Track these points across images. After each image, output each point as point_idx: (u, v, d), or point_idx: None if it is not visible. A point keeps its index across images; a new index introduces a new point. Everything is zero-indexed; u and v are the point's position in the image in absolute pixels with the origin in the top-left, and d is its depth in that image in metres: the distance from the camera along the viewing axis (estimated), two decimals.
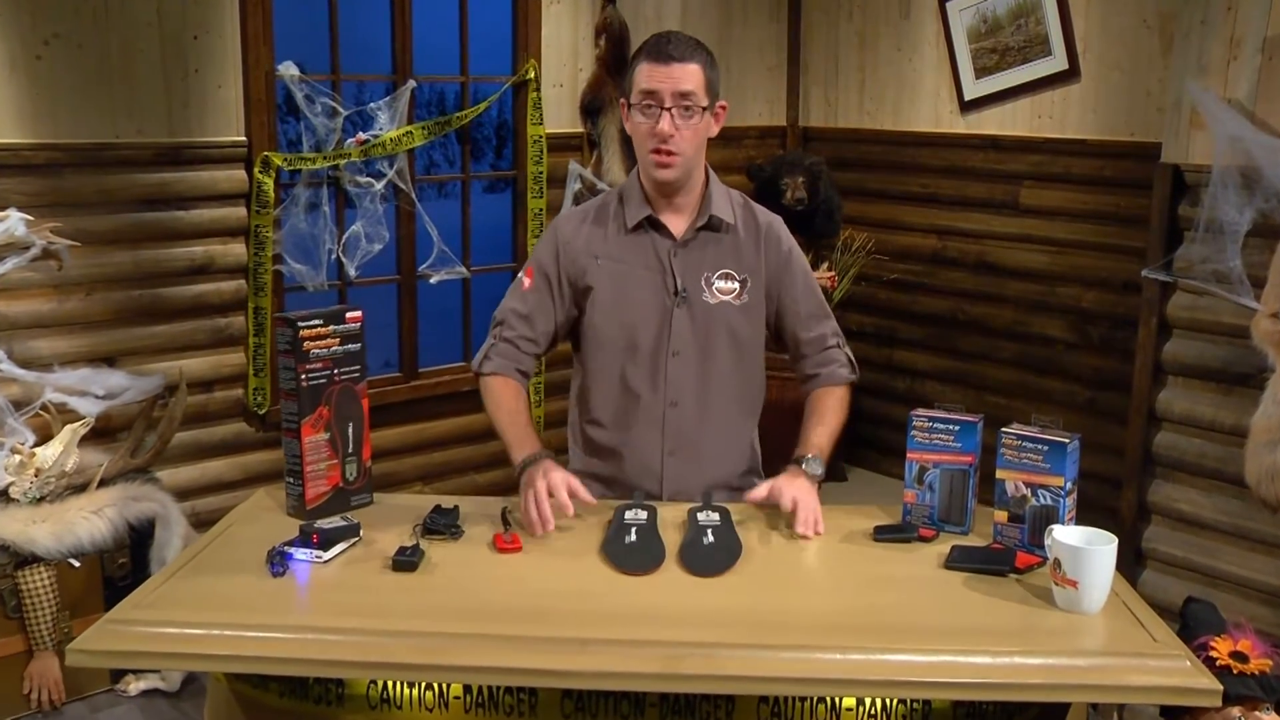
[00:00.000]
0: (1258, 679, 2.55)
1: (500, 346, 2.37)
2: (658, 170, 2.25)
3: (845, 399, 2.41)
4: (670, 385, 2.33)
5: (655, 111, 2.21)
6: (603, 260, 2.34)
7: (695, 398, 2.35)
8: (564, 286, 2.36)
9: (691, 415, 2.35)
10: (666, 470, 2.35)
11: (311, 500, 2.20)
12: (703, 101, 2.22)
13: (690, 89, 2.20)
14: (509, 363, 2.37)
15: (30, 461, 3.37)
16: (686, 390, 2.34)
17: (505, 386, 2.35)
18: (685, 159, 2.24)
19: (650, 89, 2.21)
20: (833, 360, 2.42)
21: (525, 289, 2.38)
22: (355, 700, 1.88)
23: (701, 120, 2.24)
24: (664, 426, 2.34)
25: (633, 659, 1.69)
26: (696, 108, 2.22)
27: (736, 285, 2.34)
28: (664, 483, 2.36)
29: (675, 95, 2.19)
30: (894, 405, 5.24)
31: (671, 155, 2.23)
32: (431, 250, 4.55)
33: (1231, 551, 3.66)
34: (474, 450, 4.77)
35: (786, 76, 5.53)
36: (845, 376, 2.43)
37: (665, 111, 2.20)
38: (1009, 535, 2.09)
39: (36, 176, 3.60)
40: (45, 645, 3.36)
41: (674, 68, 2.20)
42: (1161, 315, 3.79)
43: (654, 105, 2.21)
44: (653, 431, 2.34)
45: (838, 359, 2.43)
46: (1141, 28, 4.28)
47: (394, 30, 4.38)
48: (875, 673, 1.68)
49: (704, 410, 2.36)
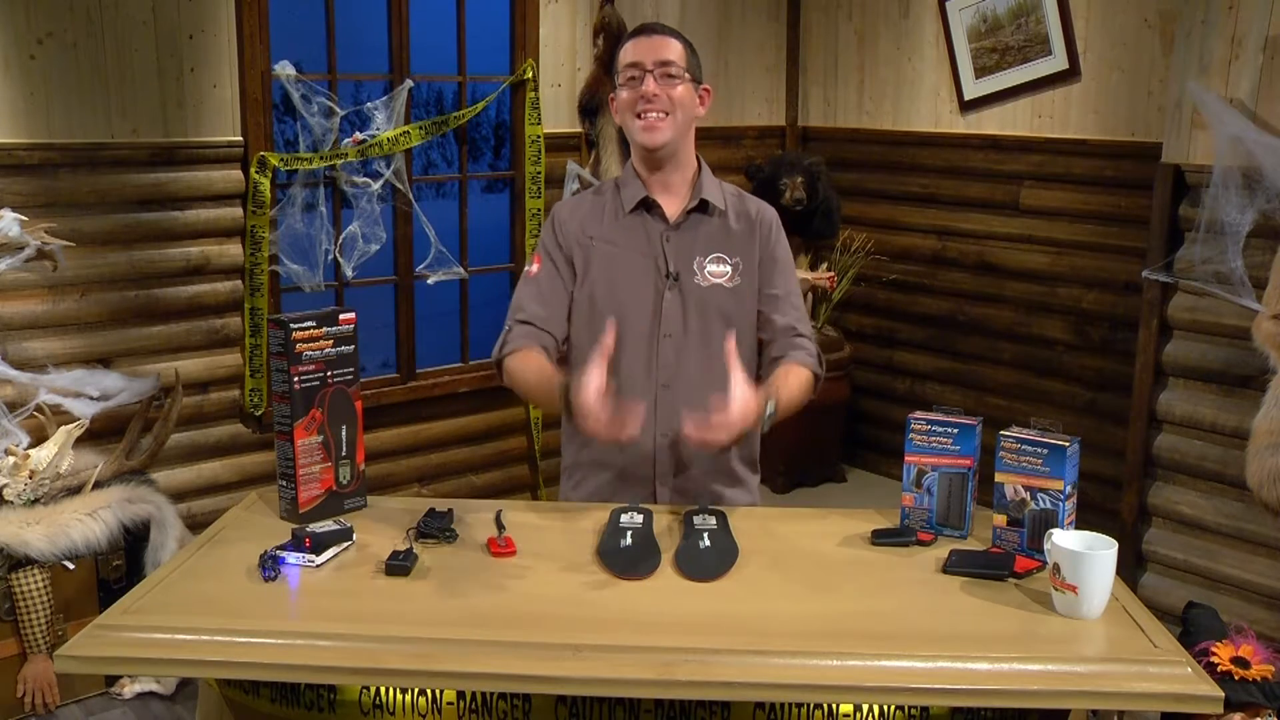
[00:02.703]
0: (1259, 685, 2.54)
1: (516, 330, 2.34)
2: (645, 135, 2.26)
3: (808, 382, 2.33)
4: (661, 367, 2.32)
5: (639, 79, 2.25)
6: (597, 242, 2.34)
7: (687, 380, 2.33)
8: (566, 267, 2.37)
9: (684, 398, 2.32)
10: (659, 454, 2.34)
11: (304, 504, 2.18)
12: (684, 69, 2.27)
13: (671, 57, 2.26)
14: (529, 340, 2.32)
15: (24, 463, 3.36)
16: (678, 372, 2.33)
17: (526, 356, 2.29)
18: (674, 123, 2.26)
19: (633, 58, 2.26)
20: (799, 347, 2.36)
21: (534, 274, 2.38)
22: (347, 706, 1.87)
23: (684, 87, 2.26)
24: (656, 409, 2.33)
25: (627, 665, 1.68)
26: (679, 73, 2.26)
27: (728, 268, 2.33)
28: (656, 466, 2.34)
29: (657, 62, 2.25)
30: (893, 406, 5.24)
31: (659, 117, 2.24)
32: (429, 250, 4.53)
33: (1233, 554, 3.65)
34: (472, 451, 4.76)
35: (785, 76, 5.52)
36: (808, 362, 2.35)
37: (648, 74, 2.24)
38: (1008, 539, 2.07)
39: (30, 177, 3.59)
40: (39, 648, 3.35)
41: (655, 39, 2.27)
42: (1162, 316, 3.77)
43: (637, 73, 2.25)
44: (646, 414, 2.31)
45: (805, 347, 2.37)
46: (1142, 27, 4.26)
47: (391, 29, 4.37)
48: (873, 679, 1.67)
49: (696, 393, 2.32)
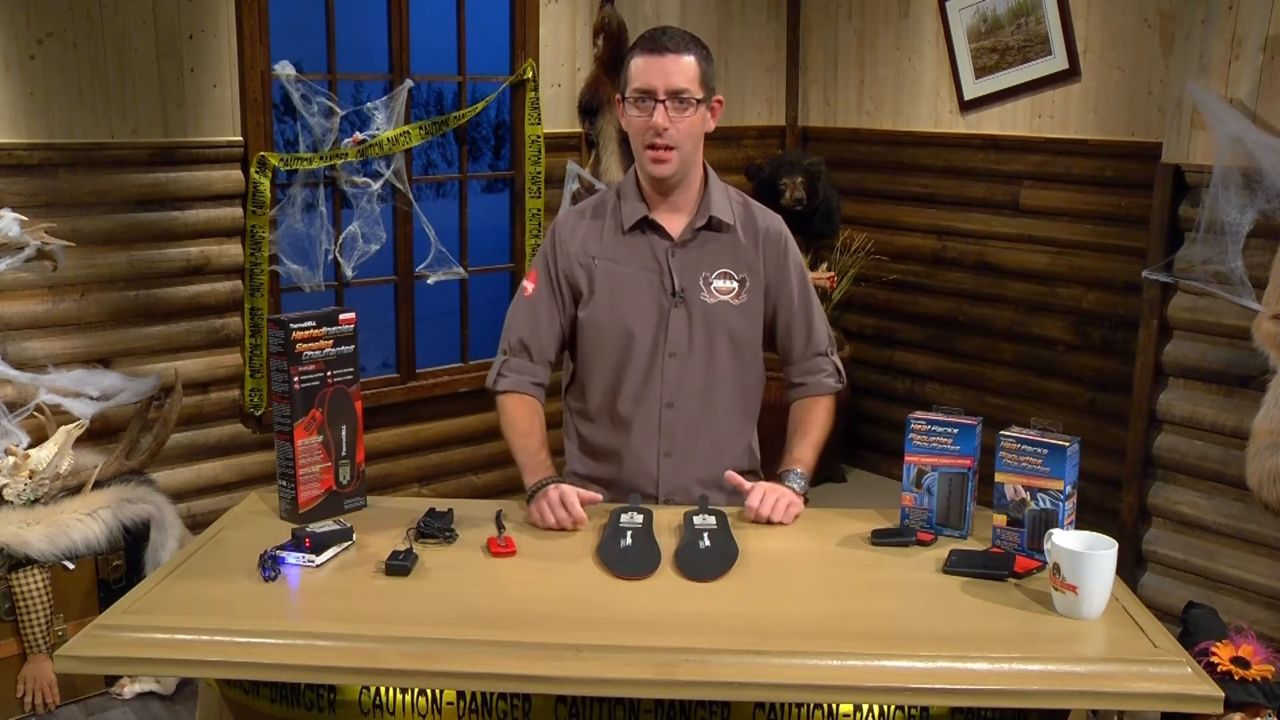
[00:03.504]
0: (1259, 685, 2.54)
1: (512, 361, 2.37)
2: (654, 166, 2.24)
3: (831, 408, 2.43)
4: (666, 386, 2.31)
5: (650, 105, 2.20)
6: (600, 261, 2.32)
7: (692, 398, 2.33)
8: (564, 288, 2.35)
9: (688, 416, 2.33)
10: (663, 472, 2.34)
11: (304, 504, 2.18)
12: (698, 94, 2.21)
13: (684, 85, 2.19)
14: (523, 378, 2.36)
15: (24, 463, 3.35)
16: (683, 391, 2.32)
17: (520, 406, 2.35)
18: (681, 154, 2.23)
19: (645, 82, 2.20)
20: (820, 369, 2.43)
21: (528, 295, 2.37)
22: (347, 706, 1.87)
23: (697, 113, 2.22)
24: (660, 428, 2.33)
25: (627, 665, 1.68)
26: (691, 100, 2.20)
27: (735, 285, 2.32)
28: (660, 484, 2.34)
29: (670, 91, 2.18)
30: (893, 406, 5.23)
31: (667, 150, 2.21)
32: (429, 251, 4.53)
33: (1233, 554, 3.65)
34: (471, 451, 4.76)
35: (785, 76, 5.51)
36: (831, 386, 2.43)
37: (659, 104, 2.18)
38: (1008, 539, 2.07)
39: (31, 177, 3.58)
40: (39, 648, 3.34)
41: (668, 59, 2.19)
42: (1162, 316, 3.77)
43: (648, 99, 2.20)
44: (649, 433, 2.33)
45: (825, 368, 2.43)
46: (1142, 27, 4.26)
47: (391, 29, 4.37)
48: (872, 679, 1.67)
49: (701, 411, 2.34)
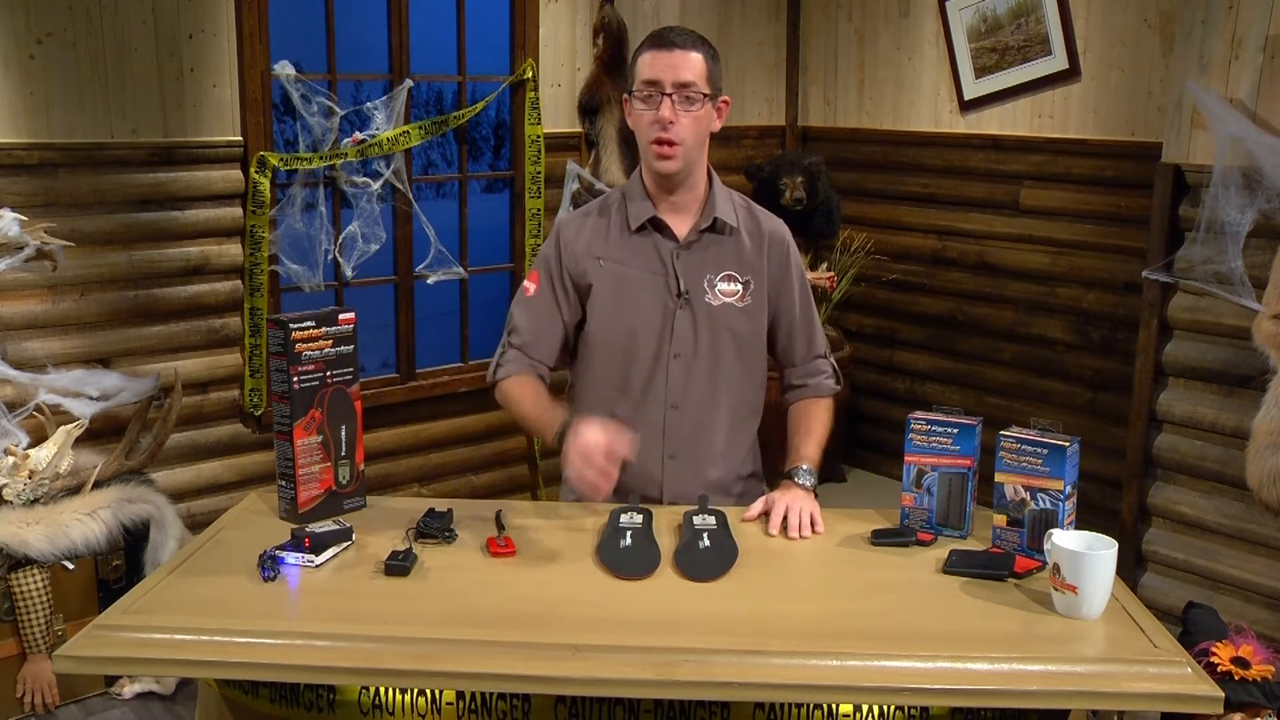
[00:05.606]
0: (1259, 685, 2.54)
1: (510, 354, 2.36)
2: (659, 162, 2.24)
3: (830, 409, 2.44)
4: (671, 388, 2.31)
5: (656, 99, 2.20)
6: (605, 262, 2.32)
7: (696, 400, 2.33)
8: (568, 288, 2.34)
9: (692, 418, 2.33)
10: (667, 474, 2.34)
11: (304, 504, 2.18)
12: (704, 89, 2.21)
13: (691, 78, 2.20)
14: (522, 365, 2.35)
15: (24, 463, 3.35)
16: (687, 393, 2.32)
17: (522, 383, 2.33)
18: (686, 149, 2.23)
19: (652, 75, 2.21)
20: (819, 371, 2.45)
21: (530, 295, 2.36)
22: (347, 706, 1.87)
23: (703, 109, 2.22)
24: (664, 430, 2.33)
25: (627, 665, 1.68)
26: (698, 95, 2.21)
27: (739, 287, 2.32)
28: (664, 486, 2.34)
29: (676, 84, 2.19)
30: (893, 406, 5.24)
31: (673, 145, 2.21)
32: (429, 250, 4.53)
33: (1233, 554, 3.65)
34: (471, 451, 4.75)
35: (785, 76, 5.51)
36: (830, 388, 2.45)
37: (665, 97, 2.19)
38: (1008, 539, 2.07)
39: (30, 176, 3.58)
40: (39, 648, 3.34)
41: (675, 55, 2.20)
42: (1162, 316, 3.77)
43: (655, 93, 2.20)
44: (653, 435, 2.32)
45: (824, 370, 2.45)
46: (1142, 27, 4.26)
47: (391, 29, 4.37)
48: (872, 679, 1.67)
49: (705, 413, 2.34)
